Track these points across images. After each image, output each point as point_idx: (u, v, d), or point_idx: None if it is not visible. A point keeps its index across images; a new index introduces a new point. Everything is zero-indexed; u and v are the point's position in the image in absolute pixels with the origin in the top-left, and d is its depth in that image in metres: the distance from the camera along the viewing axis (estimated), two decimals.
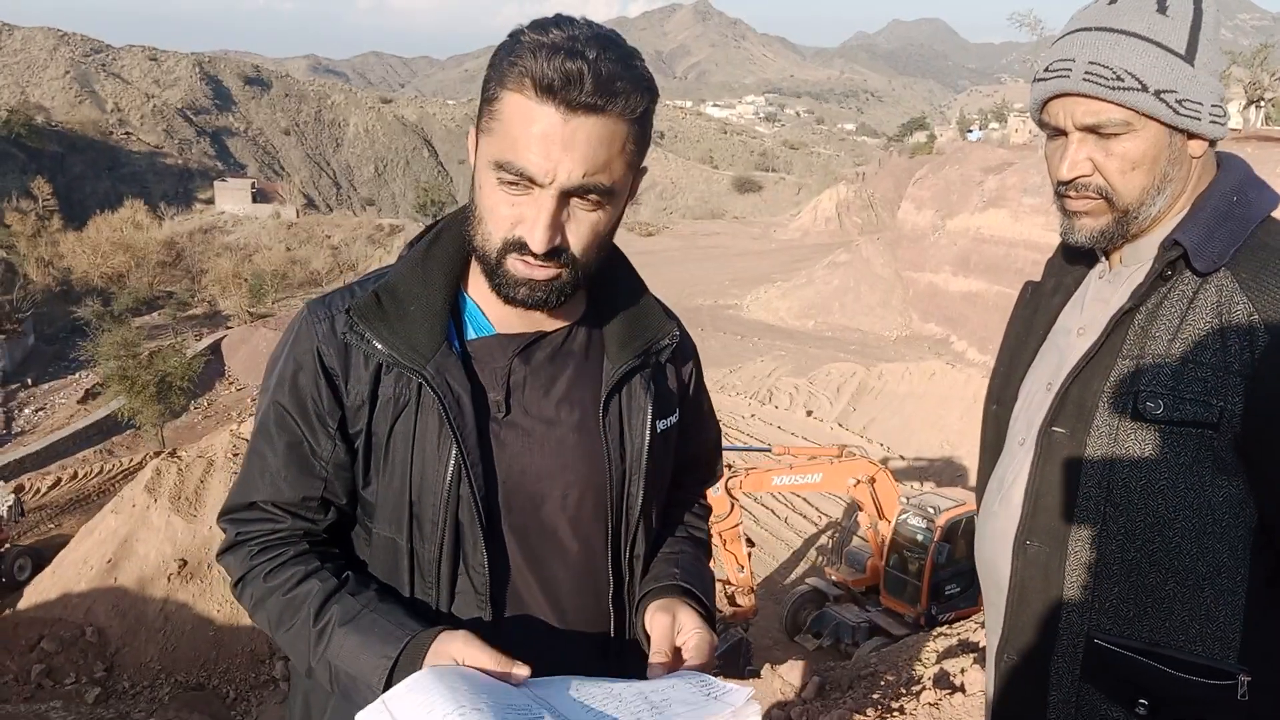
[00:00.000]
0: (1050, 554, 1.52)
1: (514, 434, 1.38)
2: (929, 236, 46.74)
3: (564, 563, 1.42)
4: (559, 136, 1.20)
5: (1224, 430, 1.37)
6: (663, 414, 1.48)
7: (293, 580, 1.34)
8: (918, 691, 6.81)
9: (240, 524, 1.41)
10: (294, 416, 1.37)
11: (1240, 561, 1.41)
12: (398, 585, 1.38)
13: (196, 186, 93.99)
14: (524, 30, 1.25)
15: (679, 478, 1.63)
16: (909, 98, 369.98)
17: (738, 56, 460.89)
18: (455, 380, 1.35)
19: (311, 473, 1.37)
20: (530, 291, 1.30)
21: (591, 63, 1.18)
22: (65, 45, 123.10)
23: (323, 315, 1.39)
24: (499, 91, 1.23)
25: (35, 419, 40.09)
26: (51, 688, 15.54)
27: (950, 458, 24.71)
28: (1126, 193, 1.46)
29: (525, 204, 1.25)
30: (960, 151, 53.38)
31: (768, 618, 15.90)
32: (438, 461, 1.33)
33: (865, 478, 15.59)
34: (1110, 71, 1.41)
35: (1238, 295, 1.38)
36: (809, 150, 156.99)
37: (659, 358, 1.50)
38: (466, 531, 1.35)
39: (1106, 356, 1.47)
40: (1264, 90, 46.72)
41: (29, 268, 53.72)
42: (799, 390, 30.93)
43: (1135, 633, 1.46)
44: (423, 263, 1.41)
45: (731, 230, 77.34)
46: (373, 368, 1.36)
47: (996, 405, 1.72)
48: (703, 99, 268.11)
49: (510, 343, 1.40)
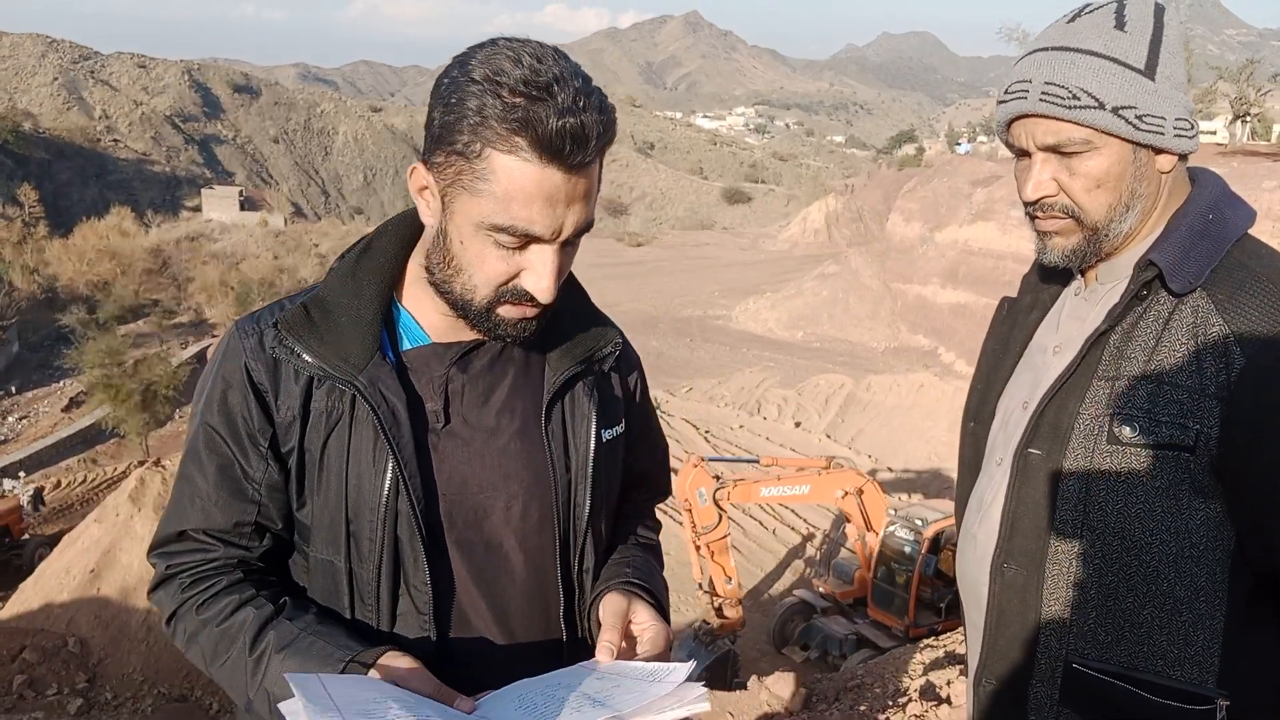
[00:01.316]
0: (1028, 577, 1.50)
1: (454, 444, 1.35)
2: (917, 248, 46.91)
3: (511, 578, 1.38)
4: (563, 196, 1.19)
5: (1200, 453, 1.35)
6: (608, 423, 1.46)
7: (226, 610, 1.29)
8: (904, 703, 6.80)
9: (170, 556, 1.35)
10: (224, 438, 1.32)
11: (1218, 584, 1.39)
12: (338, 609, 1.34)
13: (184, 194, 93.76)
14: (481, 67, 1.17)
15: (629, 493, 1.60)
16: (898, 110, 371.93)
17: (728, 68, 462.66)
18: (390, 390, 1.31)
19: (244, 496, 1.32)
20: (522, 330, 1.30)
21: (588, 116, 1.16)
22: (54, 52, 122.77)
23: (250, 331, 1.34)
24: (484, 150, 1.17)
25: (19, 427, 39.82)
26: (33, 699, 15.40)
27: (938, 469, 24.75)
28: (1093, 211, 1.45)
29: (524, 259, 1.24)
30: (949, 164, 53.65)
31: (755, 629, 15.87)
32: (374, 475, 1.29)
33: (853, 489, 15.59)
34: (1066, 90, 1.40)
35: (1213, 316, 1.36)
36: (798, 162, 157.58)
37: (602, 365, 1.47)
38: (406, 548, 1.30)
39: (1082, 377, 1.46)
40: (1250, 105, 47.07)
41: (14, 275, 53.36)
42: (787, 401, 30.97)
43: (1113, 657, 1.44)
44: (353, 274, 1.37)
45: (721, 241, 77.53)
46: (303, 382, 1.31)
47: (974, 423, 1.71)
48: (693, 110, 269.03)
49: (447, 351, 1.37)
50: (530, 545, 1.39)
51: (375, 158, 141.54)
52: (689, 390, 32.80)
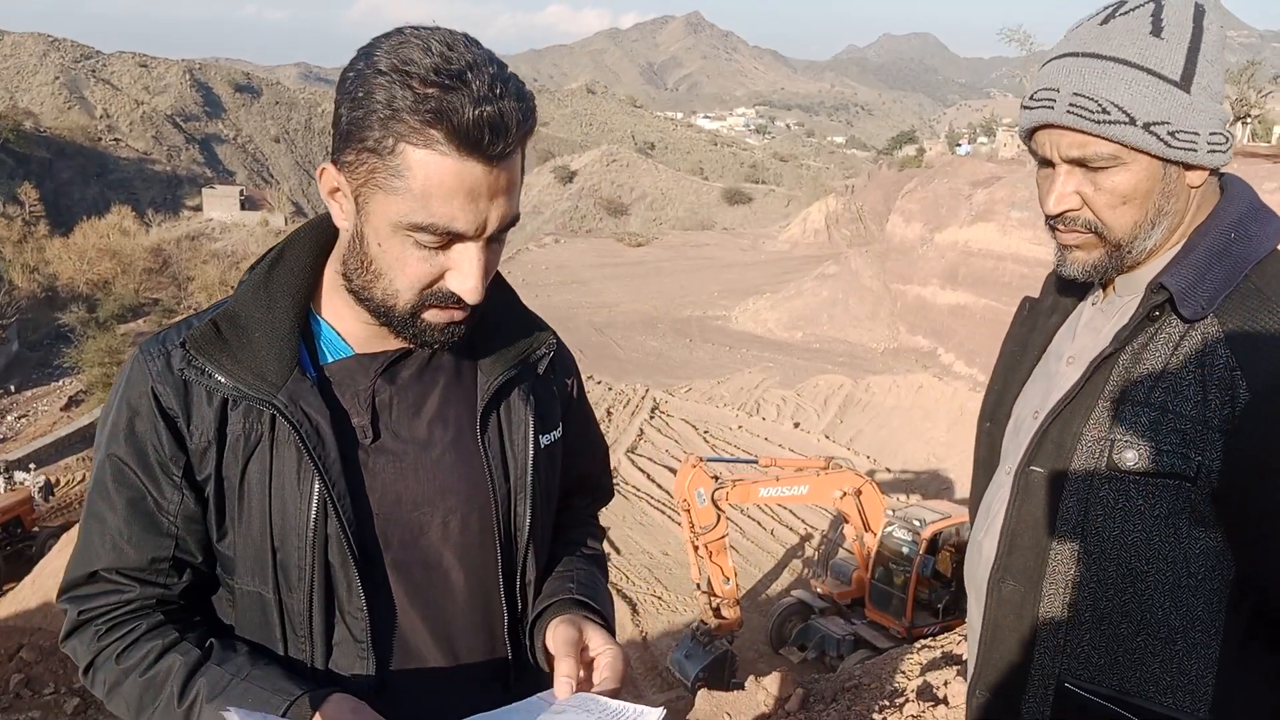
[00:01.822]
0: (1024, 594, 1.49)
1: (384, 460, 1.28)
2: (917, 249, 46.89)
3: (452, 597, 1.32)
4: (485, 189, 1.13)
5: (1201, 484, 1.32)
6: (545, 428, 1.41)
7: (150, 657, 1.21)
8: (901, 704, 6.79)
9: (82, 601, 1.26)
10: (133, 468, 1.24)
11: (1215, 615, 1.37)
12: (270, 644, 1.26)
13: (185, 193, 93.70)
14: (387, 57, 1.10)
15: (569, 499, 1.56)
16: (899, 111, 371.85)
17: (729, 69, 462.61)
18: (312, 407, 1.23)
19: (158, 530, 1.24)
20: (450, 335, 1.24)
21: (506, 105, 1.10)
22: (55, 51, 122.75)
23: (156, 353, 1.26)
24: (397, 145, 1.10)
25: (18, 425, 39.82)
26: (30, 698, 15.41)
27: (936, 470, 24.74)
28: (1117, 227, 1.39)
29: (447, 258, 1.17)
30: (949, 165, 53.62)
31: (753, 630, 15.86)
32: (299, 499, 1.22)
33: (851, 490, 15.60)
34: (1095, 104, 1.33)
35: (1221, 348, 1.32)
36: (799, 162, 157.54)
37: (537, 369, 1.42)
38: (339, 574, 1.24)
39: (1088, 397, 1.42)
40: (1250, 107, 47.07)
41: (14, 274, 53.35)
42: (786, 402, 30.94)
43: (1106, 679, 1.43)
44: (265, 286, 1.28)
45: (721, 241, 77.49)
46: (217, 404, 1.23)
47: (990, 423, 1.68)
48: (693, 110, 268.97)
49: (371, 362, 1.30)
50: (471, 561, 1.33)
51: None
52: (688, 390, 32.79)
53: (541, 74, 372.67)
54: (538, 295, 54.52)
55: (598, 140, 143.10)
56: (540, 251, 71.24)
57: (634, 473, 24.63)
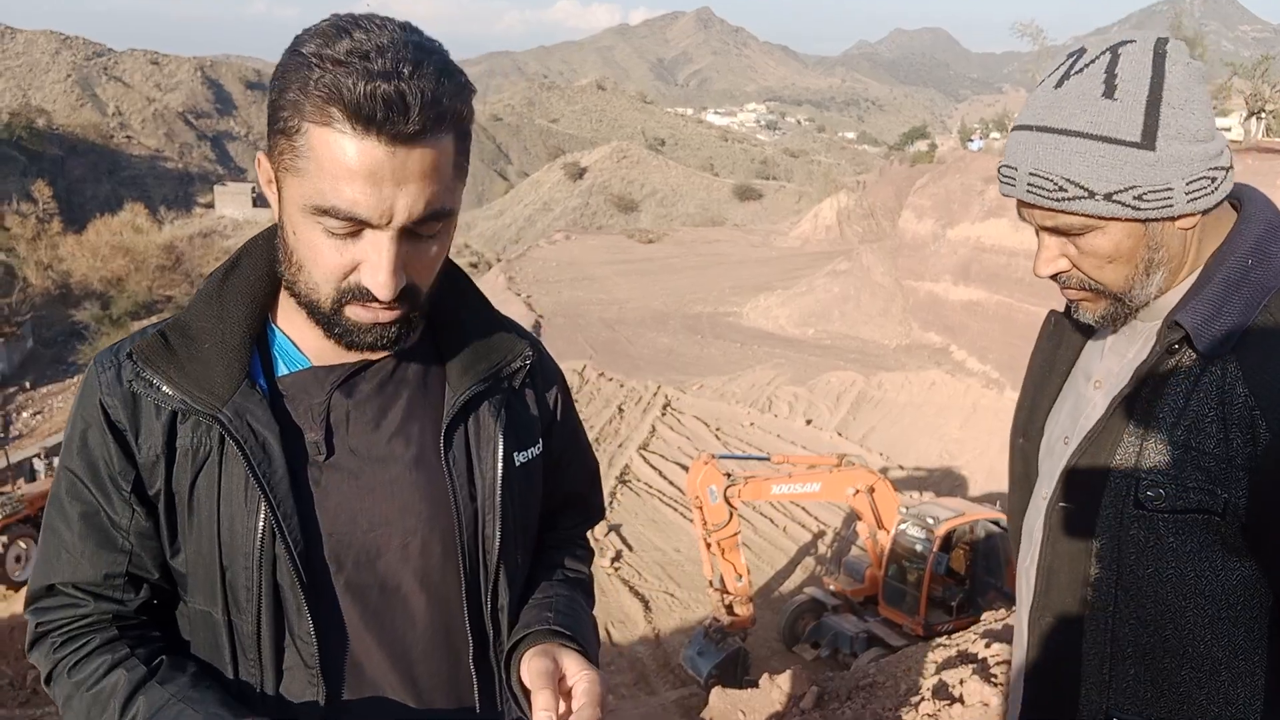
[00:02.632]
0: (1066, 632, 1.48)
1: (338, 478, 1.23)
2: (929, 245, 46.75)
3: (411, 623, 1.26)
4: (389, 172, 1.05)
5: (1230, 518, 1.30)
6: (520, 445, 1.34)
7: (98, 673, 1.19)
8: (916, 702, 6.78)
9: (41, 613, 1.24)
10: (86, 483, 1.21)
11: (1257, 643, 1.36)
12: (220, 665, 1.23)
13: (197, 190, 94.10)
14: (309, 42, 1.06)
15: (554, 518, 1.50)
16: (910, 106, 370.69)
17: (739, 64, 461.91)
18: (259, 422, 1.19)
19: (113, 546, 1.21)
20: (378, 337, 1.18)
21: (411, 82, 1.04)
22: (67, 49, 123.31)
23: (108, 364, 1.22)
24: (300, 124, 1.06)
25: (33, 422, 40.05)
26: (47, 693, 15.49)
27: (950, 467, 24.69)
28: (1111, 283, 1.38)
29: (359, 249, 1.11)
30: (961, 161, 53.41)
31: (766, 627, 15.85)
32: (246, 517, 1.17)
33: (864, 487, 15.56)
34: (1051, 182, 1.31)
35: (1239, 385, 1.29)
36: (810, 158, 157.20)
37: (511, 382, 1.35)
38: (288, 596, 1.19)
39: (1113, 434, 1.40)
40: (1265, 102, 46.77)
41: (28, 270, 53.69)
42: (798, 399, 30.91)
43: (1154, 713, 1.42)
44: (218, 295, 1.24)
45: (732, 238, 77.40)
46: (165, 417, 1.19)
47: (1023, 439, 1.67)
48: (704, 106, 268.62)
49: (328, 375, 1.25)
50: (433, 584, 1.27)
51: None
52: (700, 387, 32.78)
53: (551, 70, 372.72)
54: (548, 292, 54.56)
55: (608, 137, 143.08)
56: (550, 248, 71.29)
57: (646, 470, 24.63)
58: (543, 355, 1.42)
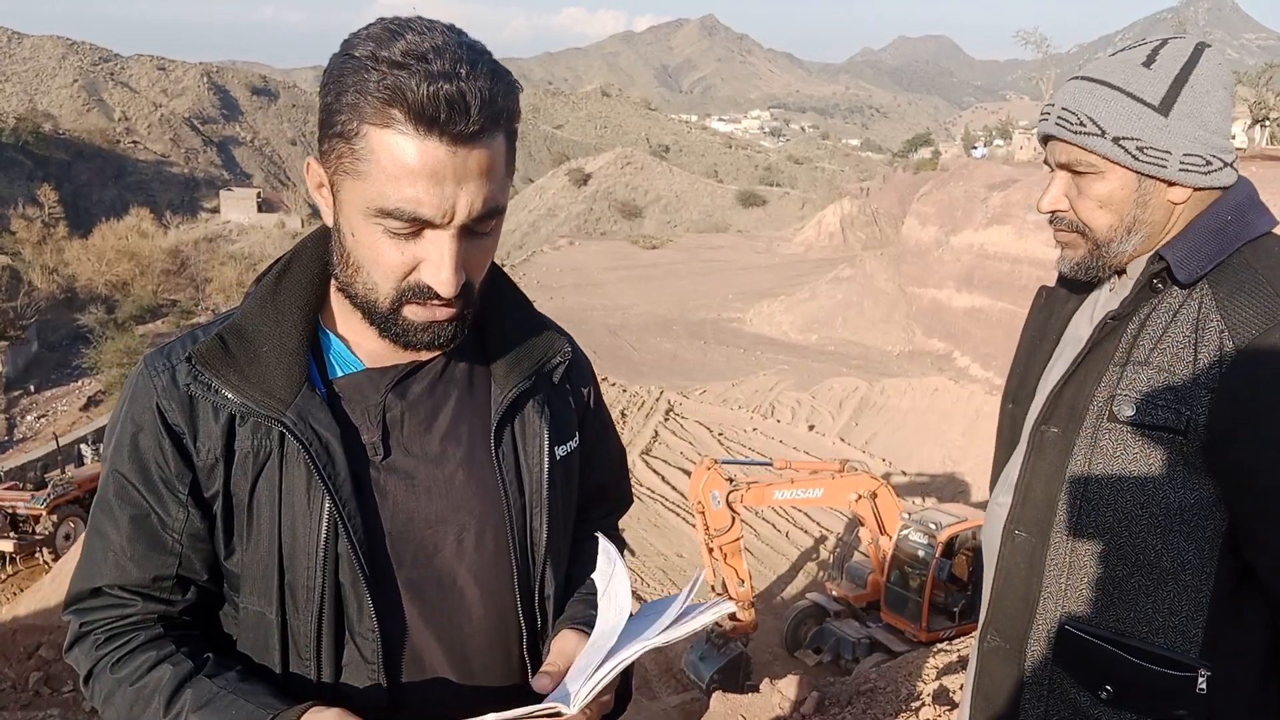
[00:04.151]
0: (1035, 544, 1.62)
1: (395, 478, 1.26)
2: (933, 252, 46.73)
3: (468, 615, 1.30)
4: (450, 172, 1.08)
5: (1191, 437, 1.46)
6: (561, 439, 1.37)
7: (143, 668, 1.19)
8: (917, 708, 6.79)
9: (85, 614, 1.25)
10: (136, 485, 1.22)
11: (1207, 561, 1.49)
12: (269, 664, 1.25)
13: (202, 195, 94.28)
14: (362, 45, 1.09)
15: (586, 510, 1.53)
16: (914, 114, 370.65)
17: (743, 71, 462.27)
18: (321, 424, 1.21)
19: (163, 548, 1.22)
20: (435, 335, 1.20)
21: (470, 83, 1.06)
22: (74, 54, 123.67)
23: (162, 367, 1.24)
24: (360, 127, 1.08)
25: (37, 425, 40.12)
26: (50, 695, 15.51)
27: (952, 473, 24.65)
28: (1096, 228, 1.58)
29: (419, 248, 1.14)
30: (965, 168, 53.42)
31: (768, 632, 15.84)
32: (309, 518, 1.20)
33: (867, 493, 15.55)
34: (1075, 117, 1.54)
35: (1213, 313, 1.47)
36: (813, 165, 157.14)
37: (552, 378, 1.39)
38: (349, 594, 1.22)
39: (1098, 362, 1.58)
40: (1269, 110, 46.75)
41: (34, 274, 53.76)
42: (801, 405, 30.89)
43: (1104, 622, 1.55)
44: (273, 299, 1.26)
45: (735, 244, 77.39)
46: (224, 420, 1.21)
47: (1012, 404, 1.82)
48: (708, 113, 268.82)
49: (382, 377, 1.27)
50: (487, 578, 1.31)
51: None
52: (703, 393, 32.76)
53: (556, 77, 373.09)
54: (552, 297, 54.57)
55: (612, 143, 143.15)
56: (555, 254, 71.30)
57: (649, 475, 24.63)
58: (577, 350, 1.45)
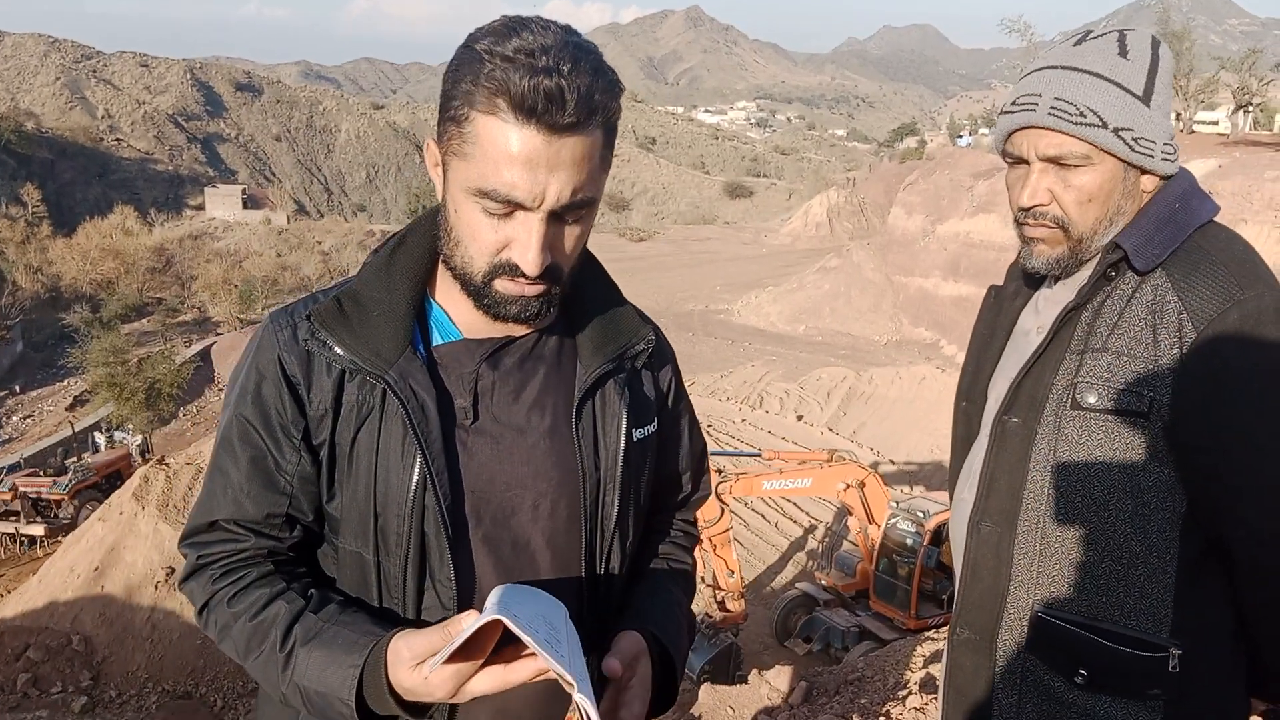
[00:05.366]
0: (1001, 534, 1.63)
1: (482, 441, 1.34)
2: (919, 241, 46.85)
3: (537, 575, 1.37)
4: (544, 160, 1.17)
5: (1154, 419, 1.48)
6: (639, 422, 1.44)
7: (259, 604, 1.30)
8: (904, 696, 6.82)
9: (201, 547, 1.35)
10: (257, 429, 1.32)
11: (1169, 543, 1.52)
12: (366, 600, 1.35)
13: (187, 193, 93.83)
14: (482, 40, 1.19)
15: (662, 498, 1.59)
16: (900, 103, 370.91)
17: (729, 63, 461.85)
18: (420, 386, 1.31)
19: (276, 488, 1.33)
20: (522, 309, 1.29)
21: (570, 79, 1.15)
22: (56, 51, 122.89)
23: (284, 323, 1.35)
24: (469, 113, 1.19)
25: (23, 426, 39.93)
26: (38, 697, 15.46)
27: (940, 462, 24.73)
28: (1081, 223, 1.56)
29: (511, 227, 1.22)
30: (950, 157, 53.53)
31: (758, 622, 15.90)
32: (402, 470, 1.29)
33: (855, 482, 15.58)
34: (1074, 107, 1.51)
35: (1170, 295, 1.48)
36: (800, 156, 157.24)
37: (634, 363, 1.46)
38: (432, 543, 1.30)
39: (1056, 351, 1.58)
40: (1252, 95, 46.90)
41: (18, 274, 53.47)
42: (789, 395, 30.94)
43: (1076, 608, 1.57)
44: (387, 268, 1.37)
45: (723, 235, 77.39)
46: (335, 375, 1.32)
47: (966, 401, 1.84)
48: (694, 105, 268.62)
49: (478, 348, 1.36)
50: (558, 544, 1.39)
51: (377, 155, 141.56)
52: (691, 384, 32.78)
53: None
54: None
55: None
56: None
57: None
58: (660, 339, 1.53)
